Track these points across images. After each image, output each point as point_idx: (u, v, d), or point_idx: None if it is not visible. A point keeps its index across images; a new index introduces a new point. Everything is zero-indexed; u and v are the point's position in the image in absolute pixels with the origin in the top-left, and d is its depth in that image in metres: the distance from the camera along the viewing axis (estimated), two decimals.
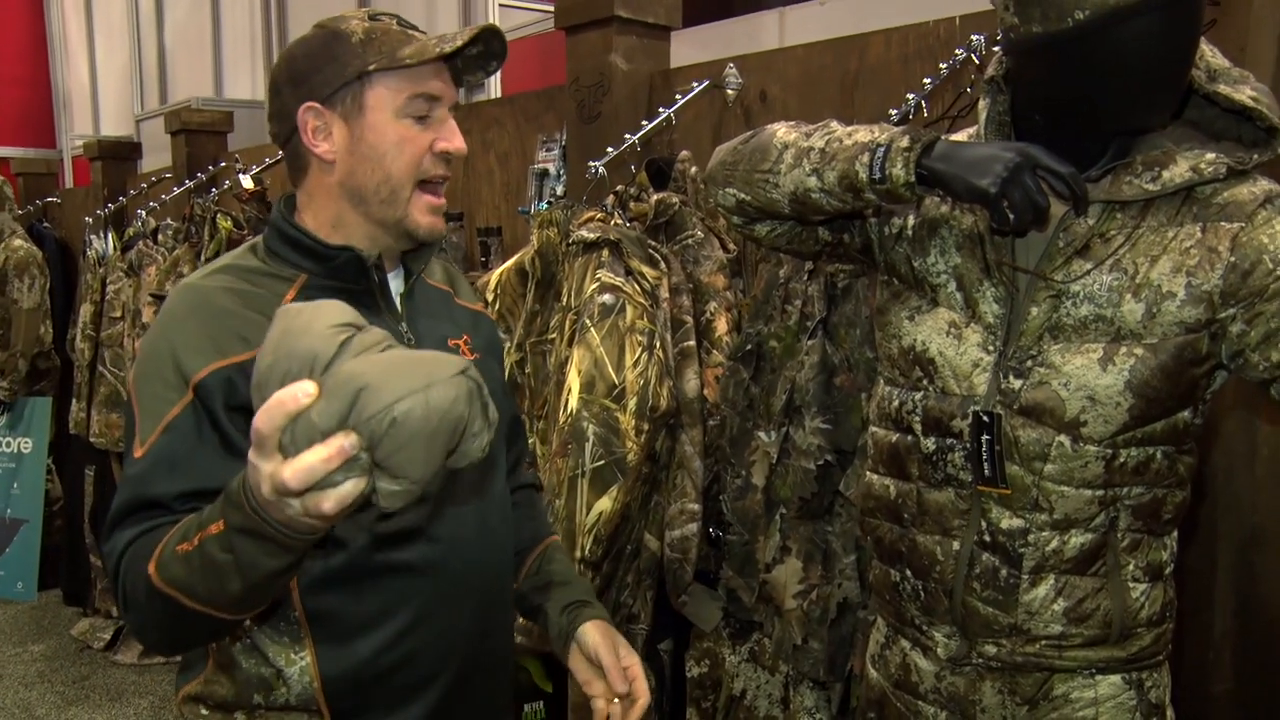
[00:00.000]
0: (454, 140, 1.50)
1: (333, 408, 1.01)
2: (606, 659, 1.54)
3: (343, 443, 1.00)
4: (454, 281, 1.71)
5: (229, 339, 1.37)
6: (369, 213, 1.48)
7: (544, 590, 1.69)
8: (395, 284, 1.55)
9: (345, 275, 1.47)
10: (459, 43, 1.44)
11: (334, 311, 1.11)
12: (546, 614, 1.65)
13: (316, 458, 1.00)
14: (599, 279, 2.46)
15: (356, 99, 1.45)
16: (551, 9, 3.34)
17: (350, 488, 1.02)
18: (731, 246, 2.64)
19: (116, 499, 1.35)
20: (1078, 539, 1.51)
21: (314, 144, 1.47)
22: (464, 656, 1.51)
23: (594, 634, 1.57)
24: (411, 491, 1.05)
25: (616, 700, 1.53)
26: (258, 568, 1.13)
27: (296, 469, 1.00)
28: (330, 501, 1.02)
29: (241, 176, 4.26)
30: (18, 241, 5.19)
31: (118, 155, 6.07)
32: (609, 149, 2.80)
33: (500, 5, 4.74)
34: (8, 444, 5.42)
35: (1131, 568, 1.53)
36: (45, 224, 6.29)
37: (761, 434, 2.33)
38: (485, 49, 1.51)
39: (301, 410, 1.01)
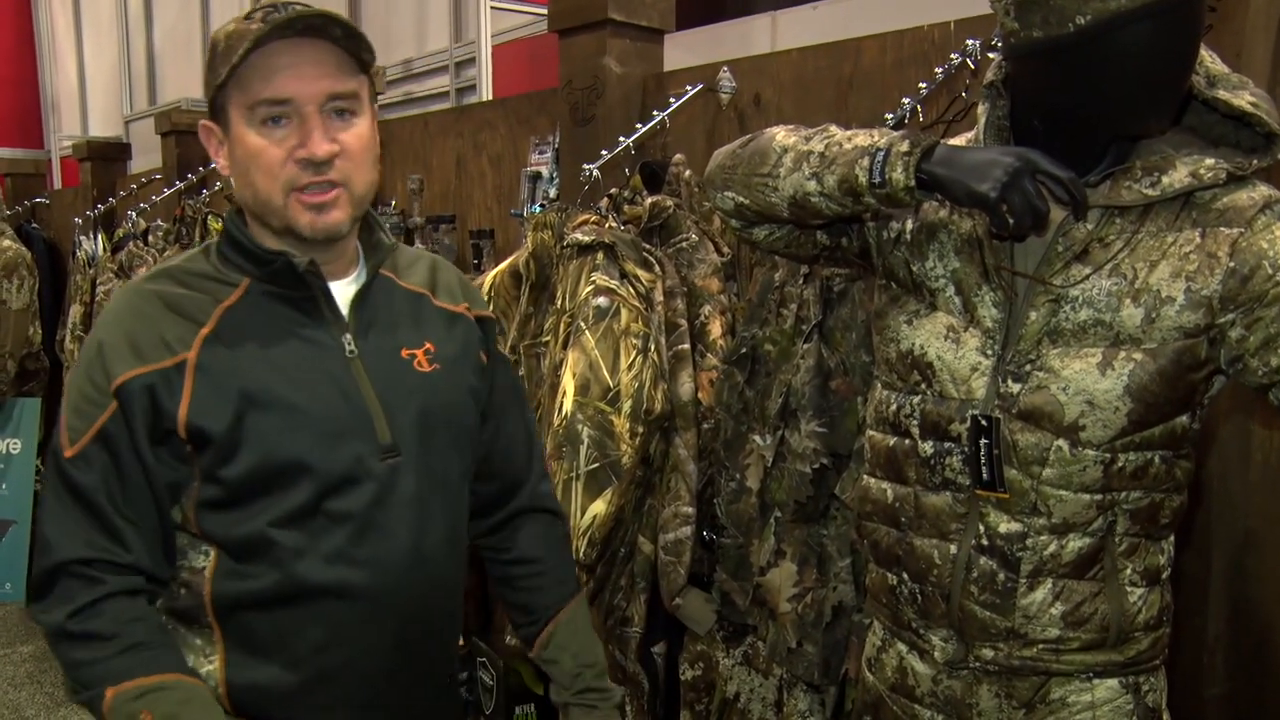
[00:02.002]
0: (311, 145, 1.37)
1: None
2: None
3: None
4: (435, 282, 1.63)
5: (152, 344, 1.38)
6: (264, 222, 1.45)
7: (553, 669, 1.73)
8: (350, 289, 1.51)
9: (283, 281, 1.44)
10: (245, 49, 1.34)
11: None
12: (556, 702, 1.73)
13: None
14: (594, 282, 2.45)
15: (224, 112, 1.42)
16: (544, 11, 3.34)
17: None
18: (726, 250, 2.64)
19: (51, 531, 1.38)
20: (1076, 543, 1.51)
21: (215, 159, 1.48)
22: (386, 680, 1.48)
23: None
24: None
25: None
26: None
27: None
28: None
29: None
30: (6, 242, 5.15)
31: (107, 156, 6.06)
32: (603, 152, 2.79)
33: (492, 8, 4.73)
34: None
35: (1129, 572, 1.53)
36: (33, 225, 6.27)
37: (756, 437, 2.33)
38: (345, 27, 1.39)
39: None
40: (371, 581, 1.43)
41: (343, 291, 1.50)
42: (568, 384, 2.40)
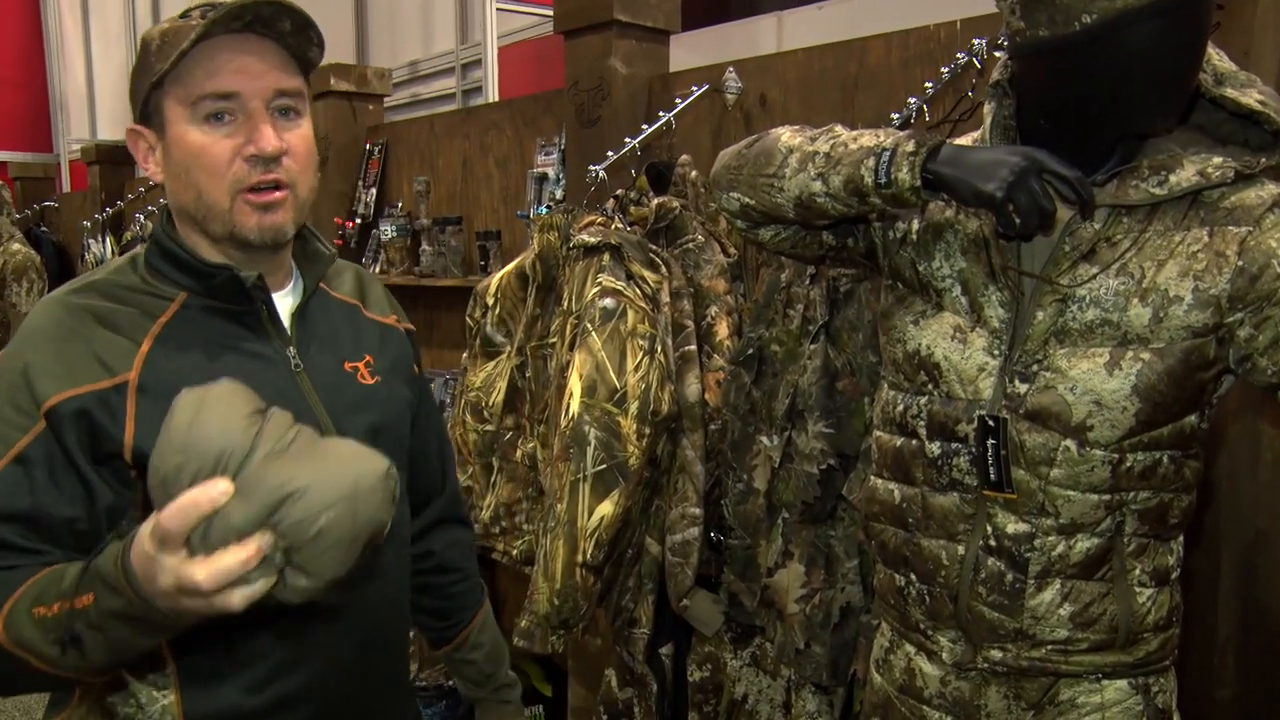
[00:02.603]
0: (260, 140, 1.31)
1: (253, 511, 1.00)
2: None
3: (261, 544, 0.99)
4: (364, 292, 1.60)
5: (85, 363, 1.28)
6: (205, 230, 1.36)
7: (466, 669, 1.81)
8: (288, 301, 1.46)
9: (225, 295, 1.37)
10: (193, 38, 1.27)
11: (239, 398, 1.07)
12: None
13: (235, 560, 0.98)
14: (600, 283, 2.45)
15: (159, 112, 1.33)
16: (550, 12, 3.34)
17: (261, 585, 1.01)
18: (732, 250, 2.64)
19: None
20: (1084, 544, 1.51)
21: (145, 166, 1.39)
22: (345, 699, 1.45)
23: None
24: (320, 588, 1.06)
25: None
26: (130, 647, 1.12)
27: (213, 571, 0.98)
28: (239, 598, 1.00)
29: None
30: (16, 245, 5.17)
31: (115, 159, 6.07)
32: (609, 153, 2.79)
33: (498, 9, 4.73)
34: None
35: (1138, 572, 1.53)
36: (43, 228, 6.29)
37: (763, 438, 2.33)
38: (296, 19, 1.32)
39: (217, 509, 0.99)
40: (330, 598, 1.40)
41: (281, 304, 1.44)
42: (574, 385, 2.40)
